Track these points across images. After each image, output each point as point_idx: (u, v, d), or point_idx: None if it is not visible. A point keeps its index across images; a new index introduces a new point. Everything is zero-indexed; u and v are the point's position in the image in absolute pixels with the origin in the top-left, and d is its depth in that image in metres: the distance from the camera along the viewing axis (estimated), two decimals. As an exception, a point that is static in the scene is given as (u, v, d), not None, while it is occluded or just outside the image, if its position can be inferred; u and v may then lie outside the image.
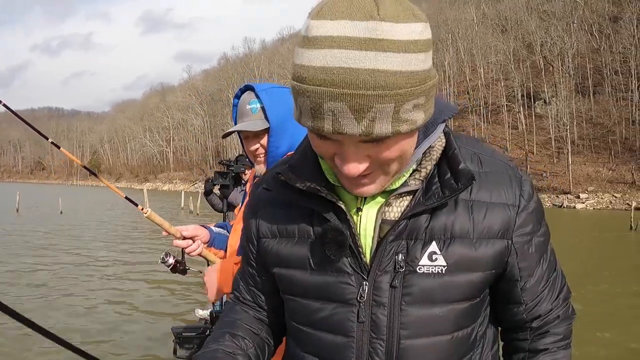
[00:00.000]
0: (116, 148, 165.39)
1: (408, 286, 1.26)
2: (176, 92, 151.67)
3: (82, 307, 10.66)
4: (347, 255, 1.28)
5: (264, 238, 1.45)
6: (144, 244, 21.28)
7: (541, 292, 1.40)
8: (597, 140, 59.95)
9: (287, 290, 1.42)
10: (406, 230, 1.26)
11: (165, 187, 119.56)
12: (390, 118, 1.06)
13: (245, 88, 2.49)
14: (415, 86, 1.06)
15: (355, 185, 1.23)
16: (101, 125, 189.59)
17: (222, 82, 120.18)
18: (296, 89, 1.09)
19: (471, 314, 1.33)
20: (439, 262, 1.25)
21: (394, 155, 1.16)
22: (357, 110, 1.03)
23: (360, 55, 1.01)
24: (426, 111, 1.13)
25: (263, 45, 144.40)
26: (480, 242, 1.27)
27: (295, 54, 1.11)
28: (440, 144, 1.32)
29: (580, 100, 62.95)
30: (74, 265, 15.92)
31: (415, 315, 1.26)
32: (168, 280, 12.86)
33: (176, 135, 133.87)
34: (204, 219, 34.95)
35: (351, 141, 1.12)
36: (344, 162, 1.15)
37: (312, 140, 1.21)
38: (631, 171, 53.31)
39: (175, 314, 10.17)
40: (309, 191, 1.30)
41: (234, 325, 1.52)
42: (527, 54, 70.79)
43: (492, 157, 1.36)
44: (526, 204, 1.32)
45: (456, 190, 1.24)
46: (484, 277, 1.30)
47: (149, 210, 2.72)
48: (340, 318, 1.31)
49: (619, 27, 63.31)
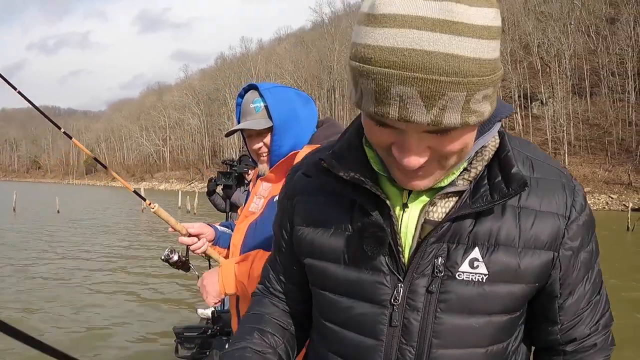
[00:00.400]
0: (112, 147, 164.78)
1: (445, 292, 1.19)
2: (173, 91, 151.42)
3: (82, 307, 10.64)
4: (384, 254, 1.22)
5: (299, 226, 1.39)
6: (144, 243, 21.25)
7: (580, 313, 1.31)
8: (593, 141, 59.99)
9: (318, 283, 1.37)
10: (449, 233, 1.19)
11: (162, 186, 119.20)
12: (460, 108, 0.98)
13: (249, 87, 2.51)
14: (487, 75, 0.99)
15: (409, 178, 1.15)
16: (97, 124, 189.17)
17: (219, 82, 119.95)
18: (359, 70, 1.00)
19: (509, 328, 1.26)
20: (481, 269, 1.18)
21: (456, 149, 1.08)
22: (428, 97, 0.95)
23: (434, 38, 0.93)
24: (492, 104, 1.06)
25: (260, 45, 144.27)
26: (525, 252, 1.19)
27: (357, 33, 1.02)
28: (494, 144, 1.25)
29: (577, 102, 63.01)
30: (73, 264, 15.88)
31: (450, 323, 1.19)
32: (169, 279, 12.87)
33: (173, 134, 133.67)
34: (202, 217, 34.87)
35: (415, 130, 1.04)
36: (404, 153, 1.07)
37: (369, 128, 1.12)
38: (627, 172, 53.36)
39: (177, 313, 10.16)
40: (353, 181, 1.23)
41: (262, 320, 1.48)
42: (524, 55, 70.79)
43: (545, 162, 1.29)
44: (577, 215, 1.24)
45: (506, 195, 1.16)
46: (527, 290, 1.22)
47: (156, 206, 2.73)
48: (370, 319, 1.25)
49: (615, 28, 63.37)
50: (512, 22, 75.69)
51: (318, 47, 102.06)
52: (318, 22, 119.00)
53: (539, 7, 73.26)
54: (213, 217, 34.66)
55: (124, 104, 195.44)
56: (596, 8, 67.46)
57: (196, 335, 4.45)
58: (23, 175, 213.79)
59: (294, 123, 2.41)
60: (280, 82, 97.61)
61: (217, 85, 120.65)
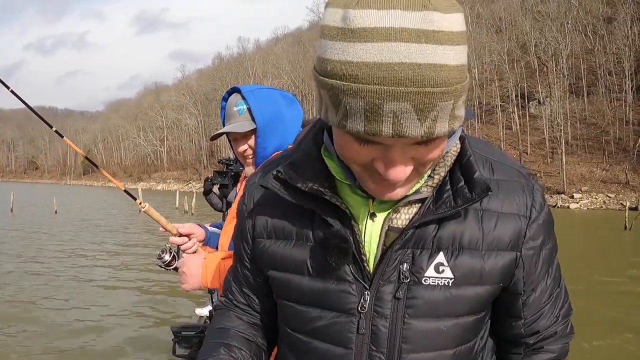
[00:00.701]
0: (110, 147, 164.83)
1: (412, 298, 1.18)
2: (170, 91, 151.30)
3: (80, 306, 10.64)
4: (349, 263, 1.21)
5: (260, 238, 1.35)
6: (141, 243, 21.32)
7: (542, 307, 1.33)
8: (591, 141, 60.11)
9: (283, 294, 1.34)
10: (413, 239, 1.18)
11: (159, 186, 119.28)
12: (448, 116, 0.97)
13: (232, 90, 2.51)
14: (465, 80, 0.98)
15: (386, 189, 1.12)
16: (95, 125, 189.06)
17: (217, 82, 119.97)
18: (342, 89, 0.95)
19: (475, 327, 1.27)
20: (446, 274, 1.18)
21: (437, 155, 1.08)
22: (422, 110, 0.93)
23: (421, 49, 0.91)
24: (466, 106, 1.05)
25: (257, 45, 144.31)
26: (489, 254, 1.20)
27: (328, 48, 0.98)
28: (455, 149, 1.24)
29: (574, 101, 63.23)
30: (71, 264, 15.90)
31: (418, 328, 1.19)
32: (166, 278, 12.84)
33: (170, 134, 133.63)
34: (200, 217, 34.88)
35: (403, 144, 1.01)
36: (390, 166, 1.04)
37: (347, 146, 1.07)
38: (625, 171, 53.49)
39: (174, 313, 10.17)
40: (311, 192, 1.20)
41: (228, 334, 1.44)
42: (522, 54, 70.92)
43: (504, 162, 1.28)
44: (537, 214, 1.24)
45: (469, 200, 1.16)
46: (492, 290, 1.23)
47: (146, 205, 2.75)
48: (339, 328, 1.23)
49: (613, 27, 63.58)
50: (509, 22, 75.89)
51: (315, 47, 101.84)
52: (315, 22, 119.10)
53: (536, 7, 73.32)
54: (211, 218, 34.61)
55: (121, 104, 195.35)
56: (593, 7, 67.64)
57: (193, 335, 4.44)
58: (20, 176, 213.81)
59: (279, 124, 2.41)
60: (277, 81, 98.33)
61: (214, 85, 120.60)
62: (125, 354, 7.92)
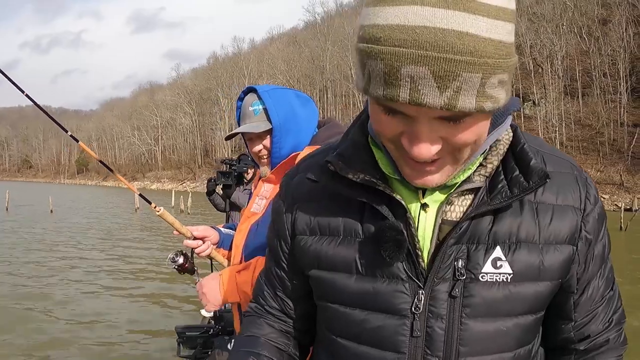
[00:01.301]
0: (104, 146, 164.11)
1: (469, 296, 1.12)
2: (165, 90, 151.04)
3: (83, 306, 10.60)
4: (402, 259, 1.14)
5: (301, 235, 1.28)
6: (141, 242, 21.26)
7: (594, 309, 1.26)
8: (585, 142, 60.24)
9: (326, 296, 1.26)
10: (467, 234, 1.13)
11: (154, 186, 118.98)
12: (475, 91, 0.91)
13: (248, 90, 2.51)
14: (502, 58, 0.93)
15: (420, 174, 1.07)
16: (89, 124, 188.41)
17: (211, 81, 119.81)
18: (366, 51, 0.94)
19: (534, 329, 1.21)
20: (504, 269, 1.12)
21: (470, 139, 1.01)
22: (442, 77, 0.89)
23: (448, 15, 0.88)
24: (507, 91, 0.99)
25: (252, 44, 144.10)
26: (547, 248, 1.14)
27: (364, 15, 0.96)
28: (507, 137, 1.19)
29: (569, 102, 63.32)
30: (71, 263, 15.83)
31: (476, 329, 1.13)
32: (171, 278, 12.81)
33: (164, 134, 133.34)
34: (196, 216, 34.82)
35: (427, 117, 0.97)
36: (414, 142, 1.00)
37: (376, 117, 1.04)
38: (619, 172, 53.61)
39: (179, 313, 10.13)
40: (363, 183, 1.15)
41: (257, 343, 1.37)
42: (517, 55, 70.73)
43: (555, 155, 1.23)
44: (592, 207, 1.19)
45: (527, 189, 1.11)
46: (551, 287, 1.17)
47: (161, 209, 2.80)
48: (389, 331, 1.16)
49: (608, 29, 63.68)
50: (504, 23, 75.91)
51: (310, 47, 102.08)
52: (311, 22, 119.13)
53: (531, 8, 73.45)
54: (207, 217, 34.57)
55: (116, 103, 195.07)
56: (588, 9, 67.77)
57: (198, 335, 4.42)
58: (14, 175, 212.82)
59: (294, 124, 2.40)
60: (272, 81, 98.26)
61: (209, 84, 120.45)
62: (129, 354, 7.89)
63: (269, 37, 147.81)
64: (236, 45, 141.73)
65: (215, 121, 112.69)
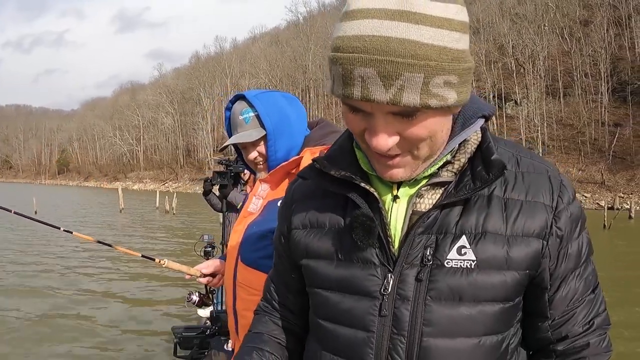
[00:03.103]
0: (85, 147, 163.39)
1: (434, 281, 1.20)
2: (147, 90, 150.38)
3: (80, 308, 10.57)
4: (374, 246, 1.25)
5: (295, 229, 1.42)
6: (132, 242, 21.05)
7: (572, 309, 1.28)
8: (567, 141, 60.88)
9: (312, 282, 1.38)
10: (436, 224, 1.22)
11: (135, 186, 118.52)
12: (419, 89, 1.05)
13: (236, 98, 2.48)
14: (446, 62, 1.06)
15: (385, 167, 1.20)
16: (70, 124, 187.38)
17: (194, 81, 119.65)
18: (331, 59, 1.11)
19: (503, 319, 1.24)
20: (468, 256, 1.19)
21: (423, 134, 1.14)
22: (386, 77, 1.04)
23: (392, 25, 1.04)
24: (459, 93, 1.11)
25: (235, 44, 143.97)
26: (514, 240, 1.20)
27: (334, 29, 1.13)
28: (476, 138, 1.29)
29: (550, 102, 64.02)
30: (63, 264, 15.75)
31: (440, 312, 1.20)
32: (168, 279, 12.83)
33: (146, 133, 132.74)
34: (182, 217, 34.75)
35: (381, 112, 1.11)
36: (373, 135, 1.14)
37: (345, 116, 1.19)
38: (600, 171, 54.24)
39: (176, 313, 10.12)
40: (343, 179, 1.28)
41: (261, 339, 1.51)
42: (499, 55, 71.58)
43: (532, 159, 1.31)
44: (565, 206, 1.25)
45: (487, 180, 1.20)
46: (518, 278, 1.22)
47: (166, 261, 2.98)
48: (361, 311, 1.26)
49: (589, 30, 64.54)
50: (487, 24, 76.54)
51: (293, 46, 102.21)
52: (293, 22, 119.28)
53: (513, 9, 74.10)
54: (193, 217, 34.62)
55: (97, 103, 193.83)
56: (570, 10, 68.59)
57: (195, 335, 4.39)
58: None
59: (287, 126, 2.39)
60: (254, 81, 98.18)
61: (191, 84, 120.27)
62: (126, 355, 7.88)
63: (251, 36, 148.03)
64: (218, 45, 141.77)
65: (197, 121, 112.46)
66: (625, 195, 48.60)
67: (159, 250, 18.65)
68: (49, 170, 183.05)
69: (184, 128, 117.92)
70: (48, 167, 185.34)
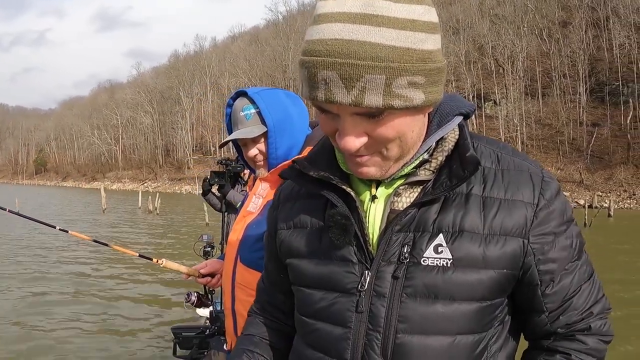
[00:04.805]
0: (63, 146, 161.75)
1: (410, 278, 1.21)
2: (125, 89, 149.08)
3: (80, 307, 10.55)
4: (352, 244, 1.27)
5: (281, 230, 1.46)
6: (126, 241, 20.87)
7: (568, 299, 1.29)
8: (546, 141, 61.39)
9: (295, 280, 1.42)
10: (414, 222, 1.23)
11: (114, 186, 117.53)
12: (381, 90, 1.07)
13: (237, 95, 2.46)
14: (410, 63, 1.07)
15: (356, 166, 1.22)
16: (48, 123, 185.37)
17: (173, 80, 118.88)
18: (299, 62, 1.13)
19: (479, 319, 1.24)
20: (445, 254, 1.20)
21: (390, 135, 1.15)
22: (347, 79, 1.06)
23: (354, 29, 1.05)
24: (427, 93, 1.12)
25: (214, 42, 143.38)
26: (491, 239, 1.21)
27: (305, 34, 1.15)
28: (454, 136, 1.30)
29: (529, 102, 64.50)
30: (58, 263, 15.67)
31: (415, 309, 1.21)
32: (167, 279, 12.81)
33: (125, 133, 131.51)
34: (165, 216, 34.52)
35: (346, 113, 1.13)
36: (341, 135, 1.16)
37: (318, 117, 1.22)
38: (579, 171, 54.76)
39: (175, 314, 10.07)
40: (322, 179, 1.30)
41: (252, 342, 1.55)
42: (479, 56, 71.94)
43: (513, 156, 1.31)
44: (546, 202, 1.24)
45: (462, 177, 1.21)
46: (496, 277, 1.22)
47: (164, 261, 3.00)
48: (339, 308, 1.28)
49: (568, 31, 65.07)
50: (467, 24, 76.85)
51: (272, 45, 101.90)
52: (272, 21, 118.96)
53: (493, 10, 74.49)
54: (177, 215, 34.42)
55: (75, 102, 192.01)
56: (549, 12, 69.13)
57: (194, 335, 4.39)
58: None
59: (289, 124, 2.37)
60: (234, 80, 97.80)
61: (170, 83, 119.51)
62: (125, 354, 7.86)
63: (230, 35, 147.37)
64: (198, 44, 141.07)
65: (176, 120, 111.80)
66: (603, 194, 49.14)
67: (152, 251, 18.51)
68: (26, 170, 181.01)
69: (163, 127, 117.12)
70: (25, 167, 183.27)
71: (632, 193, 49.29)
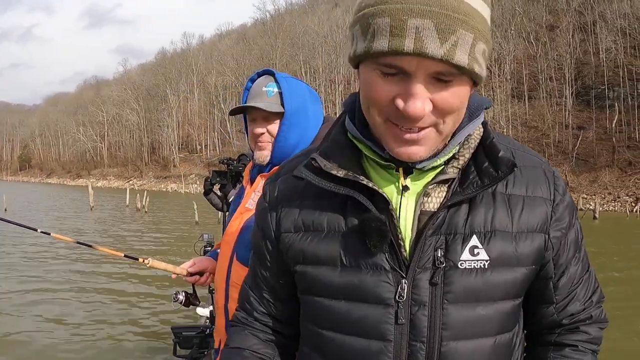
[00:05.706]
0: (48, 142, 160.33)
1: (449, 283, 1.18)
2: (111, 86, 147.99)
3: (80, 307, 10.51)
4: (385, 250, 1.19)
5: (286, 233, 1.33)
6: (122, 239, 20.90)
7: (574, 290, 1.33)
8: (532, 143, 61.49)
9: (310, 290, 1.30)
10: (444, 225, 1.19)
11: (100, 183, 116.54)
12: (468, 50, 1.03)
13: (264, 72, 2.45)
14: (486, 31, 1.07)
15: (405, 144, 1.13)
16: (32, 119, 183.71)
17: (159, 77, 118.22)
18: (371, 12, 1.05)
19: (514, 315, 1.27)
20: (482, 256, 1.18)
21: (455, 104, 1.10)
22: (443, 30, 1.00)
23: None
24: (483, 69, 1.10)
25: (202, 40, 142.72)
26: (520, 236, 1.21)
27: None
28: (478, 132, 1.27)
29: (516, 105, 64.67)
30: (54, 263, 15.55)
31: (457, 314, 1.18)
32: (168, 278, 12.61)
33: (111, 130, 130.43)
34: (155, 214, 34.34)
35: (423, 73, 1.05)
36: (409, 99, 1.06)
37: (372, 83, 1.11)
38: (564, 173, 54.95)
39: (175, 314, 10.02)
40: (347, 179, 1.21)
41: (242, 356, 1.40)
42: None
43: (524, 151, 1.32)
44: (561, 197, 1.27)
45: (496, 178, 1.18)
46: (527, 273, 1.23)
47: (150, 260, 2.97)
48: (374, 320, 1.20)
49: (555, 35, 65.42)
50: (454, 26, 77.08)
51: (260, 44, 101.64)
52: (260, 19, 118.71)
53: (481, 12, 74.77)
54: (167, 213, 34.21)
55: (60, 98, 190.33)
56: (536, 15, 69.43)
57: (194, 335, 4.43)
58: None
59: (304, 117, 2.35)
60: (221, 78, 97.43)
61: (157, 80, 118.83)
62: (126, 354, 7.86)
63: (217, 33, 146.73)
64: (185, 42, 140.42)
65: (162, 118, 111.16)
66: (588, 197, 49.39)
67: (147, 250, 18.41)
68: (10, 167, 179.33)
69: (149, 125, 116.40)
70: (9, 163, 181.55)
71: (617, 196, 49.62)
